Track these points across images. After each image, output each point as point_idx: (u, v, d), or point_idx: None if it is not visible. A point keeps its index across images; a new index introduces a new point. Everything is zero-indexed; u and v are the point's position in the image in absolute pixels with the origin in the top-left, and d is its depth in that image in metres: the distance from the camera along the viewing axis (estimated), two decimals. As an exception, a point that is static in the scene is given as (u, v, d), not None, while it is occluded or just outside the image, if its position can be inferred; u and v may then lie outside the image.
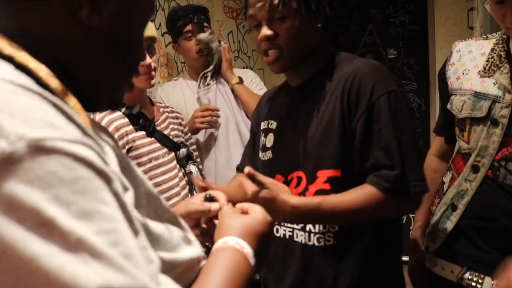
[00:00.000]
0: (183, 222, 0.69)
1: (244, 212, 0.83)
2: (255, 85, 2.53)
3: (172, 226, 0.66)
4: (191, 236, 0.68)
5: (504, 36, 1.39)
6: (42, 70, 0.53)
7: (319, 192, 1.31)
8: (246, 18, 1.40)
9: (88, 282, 0.41)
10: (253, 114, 1.69)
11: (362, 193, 1.25)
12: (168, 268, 0.59)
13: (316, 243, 1.34)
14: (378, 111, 1.26)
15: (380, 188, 1.24)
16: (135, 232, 0.51)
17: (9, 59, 0.52)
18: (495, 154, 1.33)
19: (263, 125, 1.54)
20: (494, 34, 1.44)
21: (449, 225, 1.42)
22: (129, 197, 0.56)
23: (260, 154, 1.52)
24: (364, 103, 1.26)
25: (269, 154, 1.48)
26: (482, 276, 1.37)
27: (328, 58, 1.42)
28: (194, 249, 0.66)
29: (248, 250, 0.71)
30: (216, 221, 0.89)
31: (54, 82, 0.53)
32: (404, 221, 3.01)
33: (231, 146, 2.35)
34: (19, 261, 0.41)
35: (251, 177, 1.21)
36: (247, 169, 1.22)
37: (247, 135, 2.34)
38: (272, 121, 1.50)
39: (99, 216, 0.45)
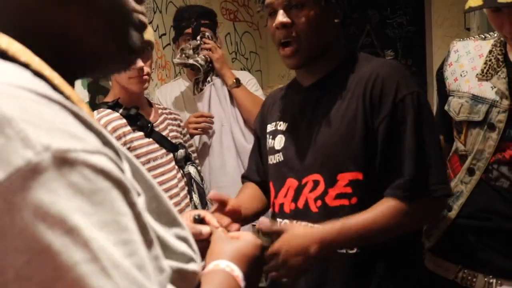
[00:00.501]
0: (185, 225, 0.69)
1: (235, 238, 0.85)
2: (251, 87, 2.49)
3: (179, 230, 0.66)
4: (194, 245, 0.68)
5: (502, 39, 1.39)
6: (56, 78, 0.53)
7: (340, 196, 1.26)
8: (263, 8, 1.34)
9: None
10: (257, 118, 1.61)
11: (384, 208, 1.21)
12: (174, 277, 0.60)
13: (337, 249, 1.28)
14: (402, 112, 1.22)
15: (400, 198, 1.21)
16: (149, 242, 0.52)
17: (26, 66, 0.53)
18: (490, 158, 1.33)
19: (269, 128, 1.47)
20: (492, 34, 1.43)
21: (444, 224, 1.43)
22: (141, 202, 0.56)
23: (269, 158, 1.45)
24: (388, 104, 1.23)
25: (278, 157, 1.40)
26: (475, 274, 1.37)
27: (344, 56, 1.37)
28: (196, 263, 0.67)
29: (238, 273, 0.73)
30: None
31: (68, 89, 0.54)
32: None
33: (225, 151, 2.31)
34: (47, 268, 0.41)
35: (265, 233, 1.18)
36: (259, 225, 1.19)
37: (241, 140, 2.31)
38: (281, 122, 1.43)
39: (116, 227, 0.46)
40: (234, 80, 2.37)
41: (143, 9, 0.67)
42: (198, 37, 2.36)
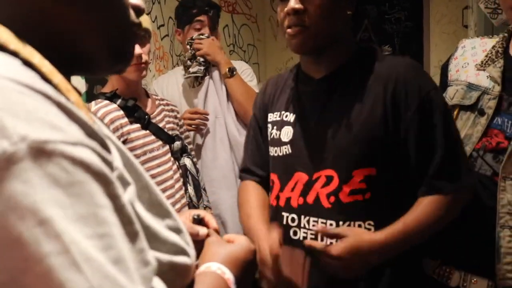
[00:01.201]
0: (181, 222, 0.70)
1: (230, 242, 0.85)
2: (245, 76, 2.46)
3: (170, 221, 0.66)
4: (188, 238, 0.69)
5: (506, 34, 1.44)
6: (45, 66, 0.53)
7: (354, 192, 1.26)
8: None
9: None
10: (257, 106, 1.56)
11: (427, 206, 1.25)
12: (163, 270, 0.59)
13: None
14: (430, 106, 1.24)
15: (446, 192, 1.25)
16: (133, 234, 0.51)
17: (15, 54, 0.52)
18: (476, 143, 1.36)
19: (272, 117, 1.44)
20: (501, 35, 1.47)
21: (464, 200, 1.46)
22: (131, 192, 0.56)
23: (272, 149, 1.43)
24: (415, 101, 1.24)
25: (285, 149, 1.37)
26: (452, 270, 1.40)
27: (354, 49, 1.36)
28: (189, 255, 0.67)
29: (229, 276, 0.73)
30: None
31: (57, 78, 0.53)
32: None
33: (217, 144, 2.31)
34: (16, 259, 0.41)
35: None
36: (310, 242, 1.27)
37: (234, 133, 2.30)
38: (288, 113, 1.40)
39: (93, 220, 0.45)
40: (227, 70, 2.34)
41: (140, 22, 0.68)
42: (188, 47, 2.36)
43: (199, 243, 0.95)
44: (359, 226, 1.27)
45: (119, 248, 0.47)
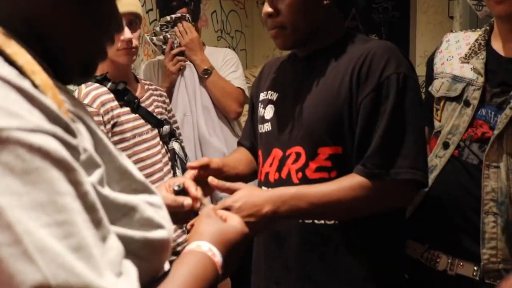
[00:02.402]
0: (156, 191, 0.69)
1: (224, 219, 0.84)
2: (229, 67, 2.45)
3: (147, 196, 0.66)
4: (165, 212, 0.67)
5: (487, 28, 1.47)
6: (9, 47, 0.51)
7: (320, 169, 1.29)
8: None
9: (27, 279, 0.41)
10: (252, 86, 1.62)
11: (347, 182, 1.23)
12: (137, 247, 0.59)
13: (316, 221, 1.31)
14: (386, 91, 1.23)
15: (363, 174, 1.22)
16: (97, 221, 0.50)
17: None
18: (463, 133, 1.41)
19: (262, 96, 1.49)
20: (483, 28, 1.51)
21: (418, 198, 1.50)
22: (98, 175, 0.55)
23: (259, 127, 1.47)
24: (373, 81, 1.23)
25: (267, 126, 1.42)
26: (440, 254, 1.45)
27: (340, 35, 1.37)
28: (165, 230, 0.65)
29: (219, 259, 0.71)
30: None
31: (21, 59, 0.51)
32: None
33: (184, 142, 2.21)
34: None
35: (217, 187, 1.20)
36: (212, 180, 1.21)
37: (204, 133, 2.30)
38: (273, 92, 1.45)
39: (52, 208, 0.44)
40: (204, 70, 2.33)
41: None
42: (172, 16, 2.33)
43: (186, 212, 0.96)
44: None
45: (81, 235, 0.45)
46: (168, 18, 2.29)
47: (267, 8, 1.30)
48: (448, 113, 1.46)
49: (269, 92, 1.46)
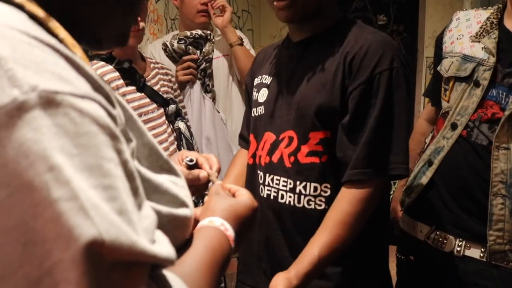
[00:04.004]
0: (181, 173, 0.71)
1: (232, 194, 0.85)
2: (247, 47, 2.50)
3: (171, 177, 0.67)
4: (188, 192, 0.69)
5: (500, 6, 1.45)
6: (51, 21, 0.53)
7: (312, 154, 1.29)
8: None
9: (83, 233, 0.42)
10: (248, 73, 1.61)
11: (350, 203, 1.24)
12: (163, 222, 0.60)
13: (307, 206, 1.31)
14: (377, 86, 1.23)
15: (359, 181, 1.24)
16: (134, 190, 0.52)
17: (20, 7, 0.53)
18: (472, 114, 1.39)
19: (256, 81, 1.49)
20: (495, 6, 1.48)
21: (424, 180, 1.49)
22: (132, 148, 0.57)
23: (253, 110, 1.47)
24: (365, 75, 1.23)
25: (260, 110, 1.42)
26: (446, 235, 1.44)
27: (336, 20, 1.36)
28: (189, 208, 0.67)
29: (231, 233, 0.73)
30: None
31: (63, 33, 0.54)
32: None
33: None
34: (27, 203, 0.42)
35: None
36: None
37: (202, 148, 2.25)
38: (266, 76, 1.44)
39: (98, 171, 0.46)
40: (238, 39, 2.41)
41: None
42: (192, 32, 2.27)
43: (200, 185, 0.97)
44: (315, 188, 1.30)
45: (123, 200, 0.47)
46: (188, 33, 2.24)
47: None
48: (457, 94, 1.44)
49: (263, 76, 1.46)
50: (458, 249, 1.41)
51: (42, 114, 0.44)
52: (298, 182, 1.32)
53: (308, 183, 1.31)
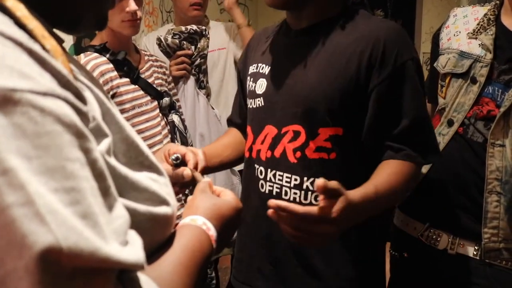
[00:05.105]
0: (163, 170, 0.69)
1: (217, 195, 0.84)
2: (240, 41, 2.50)
3: (152, 174, 0.66)
4: (170, 189, 0.68)
5: (498, 2, 1.44)
6: (19, 10, 0.50)
7: (320, 149, 1.25)
8: None
9: (38, 240, 0.40)
10: (240, 59, 1.55)
11: (403, 170, 1.22)
12: (141, 220, 0.59)
13: (314, 202, 1.26)
14: (403, 77, 1.21)
15: (416, 161, 1.23)
16: (104, 190, 0.50)
17: None
18: (468, 111, 1.38)
19: (251, 69, 1.42)
20: (492, 3, 1.47)
21: (419, 176, 1.48)
22: (106, 144, 0.55)
23: (248, 101, 1.41)
24: (388, 67, 1.21)
25: (259, 102, 1.36)
26: (440, 233, 1.43)
27: (340, 8, 1.31)
28: (170, 206, 0.65)
29: (213, 233, 0.72)
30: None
31: (32, 23, 0.51)
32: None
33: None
34: None
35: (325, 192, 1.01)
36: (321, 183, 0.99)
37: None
38: (264, 65, 1.38)
39: (61, 173, 0.44)
40: (246, 21, 2.47)
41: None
42: (187, 27, 2.25)
43: (184, 182, 0.96)
44: None
45: (88, 203, 0.45)
46: (182, 28, 2.22)
47: None
48: (453, 90, 1.43)
49: (259, 64, 1.40)
50: (452, 246, 1.41)
51: None
52: (305, 178, 1.27)
53: (316, 179, 1.25)
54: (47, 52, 0.50)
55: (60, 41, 0.61)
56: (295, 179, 1.29)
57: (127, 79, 1.77)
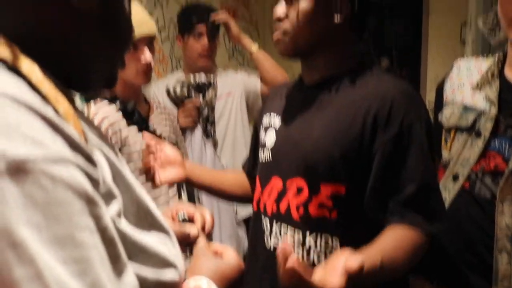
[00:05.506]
0: (171, 231, 0.70)
1: (218, 254, 0.85)
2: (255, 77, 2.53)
3: (160, 234, 0.66)
4: (177, 251, 0.69)
5: (500, 54, 1.44)
6: (34, 74, 0.52)
7: (322, 206, 1.24)
8: None
9: None
10: (258, 110, 1.60)
11: (410, 241, 1.19)
12: (150, 286, 0.59)
13: (316, 261, 1.25)
14: (410, 139, 1.19)
15: (425, 231, 1.20)
16: (115, 257, 0.50)
17: (2, 61, 0.51)
18: (474, 165, 1.37)
19: (264, 120, 1.45)
20: (495, 54, 1.48)
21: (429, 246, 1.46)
22: (115, 207, 0.55)
23: (260, 152, 1.43)
24: (395, 127, 1.19)
25: (267, 156, 1.38)
26: None
27: (353, 64, 1.32)
28: (177, 269, 0.66)
29: None
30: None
31: (46, 87, 0.52)
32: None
33: None
34: None
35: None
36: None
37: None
38: (275, 114, 1.41)
39: (70, 243, 0.44)
40: (255, 46, 2.45)
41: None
42: (195, 79, 2.29)
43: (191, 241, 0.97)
44: (325, 240, 1.24)
45: (96, 273, 0.45)
46: (191, 79, 2.28)
47: (278, 12, 1.29)
48: (459, 144, 1.43)
49: (271, 114, 1.43)
50: None
51: (10, 183, 0.42)
52: (308, 232, 1.26)
53: (319, 233, 1.25)
54: (59, 115, 0.51)
55: (71, 99, 0.62)
56: (298, 237, 1.28)
57: (135, 127, 1.78)
